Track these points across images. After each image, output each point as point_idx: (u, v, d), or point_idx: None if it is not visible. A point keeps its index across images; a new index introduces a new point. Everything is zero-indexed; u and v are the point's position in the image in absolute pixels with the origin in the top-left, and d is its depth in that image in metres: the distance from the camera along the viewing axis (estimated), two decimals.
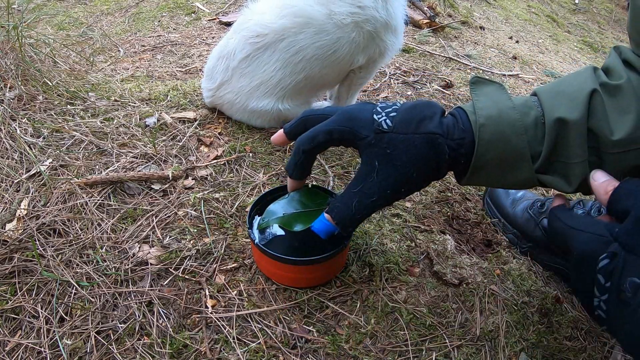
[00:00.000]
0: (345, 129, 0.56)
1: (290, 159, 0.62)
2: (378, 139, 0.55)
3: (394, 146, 0.55)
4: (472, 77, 0.59)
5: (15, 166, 0.87)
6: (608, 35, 3.60)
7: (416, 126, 0.55)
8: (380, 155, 0.55)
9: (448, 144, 0.54)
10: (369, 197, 0.56)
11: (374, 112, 0.57)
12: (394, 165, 0.55)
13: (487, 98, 0.56)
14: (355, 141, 0.57)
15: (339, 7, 0.94)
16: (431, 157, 0.54)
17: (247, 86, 1.03)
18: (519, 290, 0.81)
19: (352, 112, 0.58)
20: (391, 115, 0.56)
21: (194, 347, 0.63)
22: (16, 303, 0.66)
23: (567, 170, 0.53)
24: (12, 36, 1.09)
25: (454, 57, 1.78)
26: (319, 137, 0.57)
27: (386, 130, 0.55)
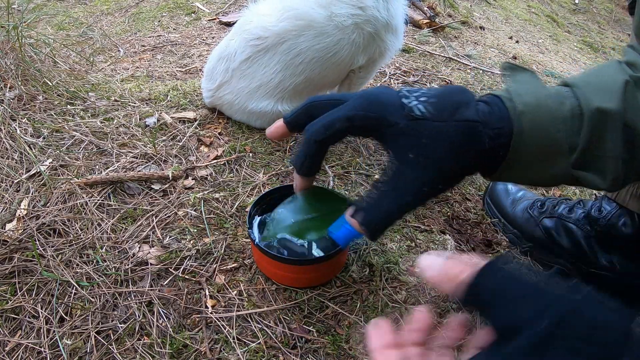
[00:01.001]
0: (370, 114, 0.48)
1: (298, 152, 0.52)
2: (411, 127, 0.47)
3: (430, 135, 0.47)
4: (504, 63, 0.54)
5: (15, 166, 0.87)
6: (608, 35, 3.60)
7: (452, 113, 0.48)
8: (415, 146, 0.47)
9: (487, 133, 0.48)
10: (403, 196, 0.48)
11: (402, 95, 0.49)
12: (431, 158, 0.47)
13: (522, 85, 0.50)
14: (381, 129, 0.48)
15: (340, 8, 0.94)
16: (470, 148, 0.47)
17: (247, 87, 1.03)
18: None
19: (375, 95, 0.49)
20: (422, 99, 0.48)
21: (194, 347, 0.63)
22: (16, 303, 0.66)
23: (603, 165, 0.49)
24: (12, 36, 1.09)
25: (454, 57, 1.79)
26: (336, 125, 0.48)
27: (419, 116, 0.47)
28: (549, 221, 0.86)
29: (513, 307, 0.30)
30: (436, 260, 0.37)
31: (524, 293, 0.30)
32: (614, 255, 0.78)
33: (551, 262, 0.87)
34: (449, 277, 0.35)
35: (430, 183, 0.48)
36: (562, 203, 0.87)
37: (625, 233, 0.76)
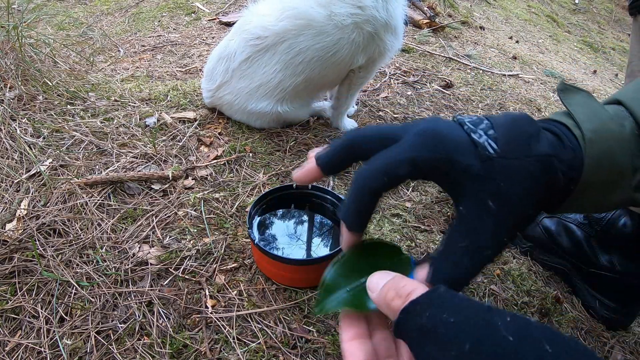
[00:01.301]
0: (438, 156, 0.40)
1: (347, 204, 0.43)
2: (488, 169, 0.40)
3: (508, 177, 0.41)
4: (559, 83, 0.49)
5: (15, 166, 0.87)
6: (608, 35, 3.60)
7: (527, 147, 0.42)
8: (494, 191, 0.41)
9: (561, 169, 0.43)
10: (484, 250, 0.41)
11: (468, 129, 0.42)
12: (510, 203, 0.41)
13: (582, 108, 0.46)
14: (451, 173, 0.41)
15: (340, 8, 0.94)
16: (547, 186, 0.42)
17: (247, 87, 1.03)
18: (519, 290, 0.81)
19: (439, 131, 0.41)
20: (490, 133, 0.42)
21: (194, 347, 0.63)
22: (16, 303, 0.66)
23: None
24: (12, 36, 1.09)
25: (454, 57, 1.78)
26: (398, 170, 0.40)
27: (493, 155, 0.41)
28: (549, 221, 0.86)
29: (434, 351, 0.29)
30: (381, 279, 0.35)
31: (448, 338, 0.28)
32: (614, 255, 0.78)
33: (551, 262, 0.87)
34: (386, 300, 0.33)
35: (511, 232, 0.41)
36: None
37: (625, 233, 0.76)
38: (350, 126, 1.18)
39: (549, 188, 0.42)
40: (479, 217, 0.41)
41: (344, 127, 1.17)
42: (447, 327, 0.28)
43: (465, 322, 0.28)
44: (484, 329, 0.28)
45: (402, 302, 0.32)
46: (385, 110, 1.31)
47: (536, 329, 0.27)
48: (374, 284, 0.35)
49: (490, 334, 0.27)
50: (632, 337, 0.80)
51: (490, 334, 0.27)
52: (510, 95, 1.60)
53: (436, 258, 0.42)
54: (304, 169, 0.46)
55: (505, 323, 0.28)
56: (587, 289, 0.82)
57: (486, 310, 0.29)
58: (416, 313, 0.30)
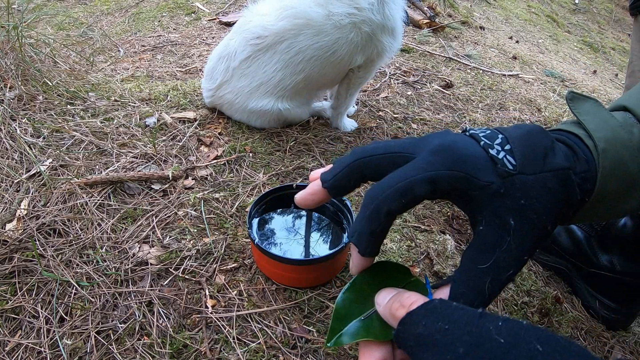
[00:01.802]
0: (457, 174, 0.38)
1: (359, 226, 0.40)
2: (507, 186, 0.39)
3: (527, 193, 0.39)
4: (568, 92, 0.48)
5: (15, 166, 0.87)
6: (608, 35, 3.60)
7: (543, 162, 0.41)
8: (514, 209, 0.39)
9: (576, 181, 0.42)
10: (505, 271, 0.39)
11: (485, 145, 0.40)
12: (530, 220, 0.39)
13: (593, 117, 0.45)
14: (470, 191, 0.39)
15: (337, 7, 0.95)
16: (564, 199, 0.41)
17: (247, 86, 1.03)
18: (519, 290, 0.81)
19: (456, 149, 0.39)
20: (507, 148, 0.40)
21: (194, 347, 0.63)
22: (16, 303, 0.66)
23: None
24: (12, 36, 1.09)
25: (454, 57, 1.79)
26: (416, 190, 0.38)
27: (513, 171, 0.39)
28: None
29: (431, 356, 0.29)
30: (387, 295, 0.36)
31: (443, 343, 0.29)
32: (614, 255, 0.78)
33: (551, 262, 0.87)
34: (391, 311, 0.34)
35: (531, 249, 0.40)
36: None
37: (625, 233, 0.76)
38: (350, 126, 1.18)
39: (566, 201, 0.41)
40: (500, 236, 0.39)
41: (344, 127, 1.17)
42: (442, 334, 0.29)
43: (458, 328, 0.29)
44: (477, 333, 0.28)
45: (406, 311, 0.32)
46: (385, 110, 1.31)
47: (528, 330, 0.28)
48: (381, 299, 0.36)
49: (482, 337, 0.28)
50: (632, 337, 0.80)
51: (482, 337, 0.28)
52: (510, 95, 1.61)
53: (456, 282, 0.40)
54: (308, 191, 0.43)
55: (497, 327, 0.28)
56: (587, 289, 0.82)
57: (478, 316, 0.29)
58: (413, 323, 0.31)
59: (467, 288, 0.40)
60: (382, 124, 1.24)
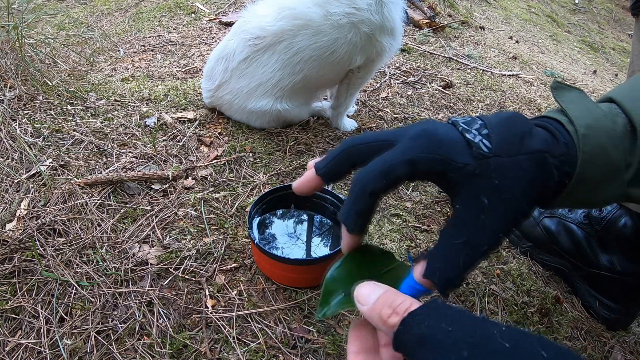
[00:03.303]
0: (435, 156, 0.42)
1: (347, 207, 0.44)
2: (482, 167, 0.42)
3: (502, 174, 0.42)
4: (553, 82, 0.50)
5: (15, 166, 0.87)
6: (608, 35, 3.60)
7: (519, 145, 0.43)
8: (488, 189, 0.42)
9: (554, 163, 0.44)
10: (479, 247, 0.42)
11: (463, 130, 0.44)
12: (505, 200, 0.42)
13: (577, 105, 0.47)
14: (448, 173, 0.42)
15: (336, 8, 0.95)
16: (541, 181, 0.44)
17: (246, 87, 1.03)
18: (519, 290, 0.81)
19: (435, 133, 0.43)
20: (484, 132, 0.44)
21: (194, 347, 0.63)
22: (16, 303, 0.66)
23: None
24: (12, 36, 1.09)
25: (454, 57, 1.79)
26: (396, 172, 0.41)
27: (487, 153, 0.42)
28: (549, 221, 0.86)
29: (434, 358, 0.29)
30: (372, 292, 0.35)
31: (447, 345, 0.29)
32: (614, 255, 0.78)
33: (551, 262, 0.87)
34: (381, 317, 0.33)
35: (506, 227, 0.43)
36: None
37: (625, 233, 0.76)
38: (350, 126, 1.18)
39: (543, 183, 0.43)
40: (475, 213, 0.42)
41: (344, 127, 1.17)
42: (446, 335, 0.29)
43: (462, 331, 0.29)
44: (481, 337, 0.28)
45: (400, 318, 0.32)
46: (385, 110, 1.31)
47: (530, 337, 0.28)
48: (363, 297, 0.35)
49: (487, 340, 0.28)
50: (632, 337, 0.80)
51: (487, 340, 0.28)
52: (510, 95, 1.61)
53: (432, 254, 0.43)
54: (303, 179, 0.47)
55: (500, 332, 0.28)
56: (587, 289, 0.82)
57: (482, 320, 0.29)
58: (415, 323, 0.31)
59: (443, 262, 0.43)
60: (382, 124, 1.24)
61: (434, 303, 0.32)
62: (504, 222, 0.42)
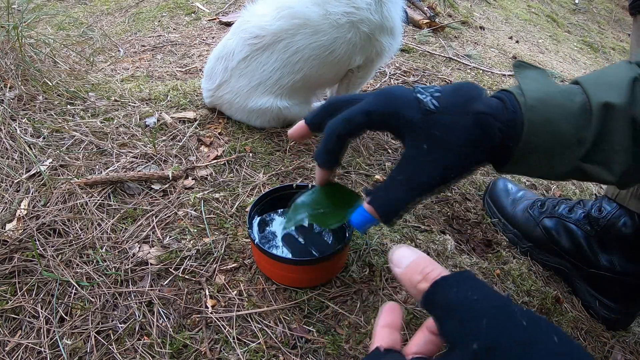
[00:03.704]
0: (387, 109, 0.51)
1: (319, 147, 0.55)
2: (425, 120, 0.50)
3: (444, 128, 0.50)
4: (515, 61, 0.56)
5: (15, 166, 0.87)
6: (608, 35, 3.60)
7: (464, 106, 0.51)
8: (429, 138, 0.50)
9: (497, 126, 0.50)
10: (416, 185, 0.51)
11: (416, 91, 0.52)
12: (443, 149, 0.50)
13: (532, 81, 0.53)
14: (398, 123, 0.51)
15: (335, 7, 0.95)
16: (481, 139, 0.50)
17: (246, 86, 1.03)
18: (519, 290, 0.81)
19: (392, 92, 0.52)
20: (436, 95, 0.52)
21: (194, 347, 0.63)
22: (16, 303, 0.66)
23: (611, 158, 0.51)
24: (12, 36, 1.09)
25: (454, 57, 1.79)
26: (356, 119, 0.51)
27: (433, 110, 0.50)
28: (549, 221, 0.86)
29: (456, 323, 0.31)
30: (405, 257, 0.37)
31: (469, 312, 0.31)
32: (614, 255, 0.78)
33: (551, 262, 0.87)
34: (412, 281, 0.35)
35: (442, 172, 0.50)
36: (562, 203, 0.87)
37: (625, 233, 0.76)
38: None
39: (485, 142, 0.50)
40: (415, 157, 0.51)
41: None
42: (471, 304, 0.31)
43: (486, 302, 0.31)
44: (502, 310, 0.30)
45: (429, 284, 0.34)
46: None
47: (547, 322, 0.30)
48: (397, 259, 0.38)
49: (506, 315, 0.30)
50: (632, 337, 0.80)
51: (506, 315, 0.30)
52: None
53: (378, 187, 0.53)
54: (295, 127, 0.57)
55: (521, 312, 0.30)
56: (587, 289, 0.82)
57: (506, 297, 0.32)
58: (445, 287, 0.33)
59: (384, 192, 0.52)
60: None
61: (465, 273, 0.34)
62: (440, 166, 0.50)
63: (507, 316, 0.30)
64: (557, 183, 1.14)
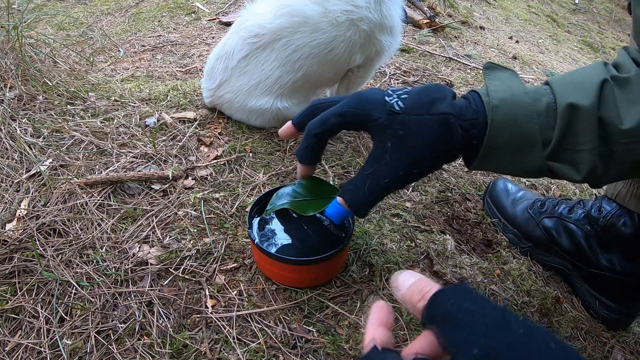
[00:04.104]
0: (358, 111, 0.56)
1: (300, 144, 0.61)
2: (390, 121, 0.55)
3: (407, 127, 0.54)
4: (486, 62, 0.59)
5: (15, 166, 0.87)
6: (608, 35, 3.60)
7: (428, 107, 0.54)
8: (393, 136, 0.55)
9: (460, 124, 0.53)
10: (382, 179, 0.56)
11: (386, 94, 0.57)
12: (406, 147, 0.54)
13: (500, 82, 0.55)
14: (367, 123, 0.56)
15: (334, 5, 0.95)
16: (444, 137, 0.54)
17: (246, 85, 1.03)
18: (519, 290, 0.81)
19: (363, 95, 0.57)
20: (402, 97, 0.56)
21: (194, 347, 0.63)
22: (16, 303, 0.66)
23: (577, 158, 0.53)
24: (12, 36, 1.09)
25: (454, 57, 1.78)
26: (330, 120, 0.57)
27: (398, 111, 0.55)
28: (549, 221, 0.86)
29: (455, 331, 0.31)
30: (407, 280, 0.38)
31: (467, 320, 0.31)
32: (614, 255, 0.78)
33: (551, 262, 0.87)
34: (412, 302, 0.36)
35: (405, 167, 0.55)
36: (562, 203, 0.87)
37: (625, 233, 0.76)
38: None
39: (447, 140, 0.54)
40: (380, 154, 0.55)
41: None
42: (467, 313, 0.32)
43: (482, 312, 0.32)
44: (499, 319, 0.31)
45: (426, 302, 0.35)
46: None
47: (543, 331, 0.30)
48: (400, 283, 0.39)
49: (502, 324, 0.30)
50: (632, 337, 0.80)
51: (502, 324, 0.30)
52: None
53: (348, 181, 0.59)
54: (283, 127, 0.63)
55: (517, 321, 0.31)
56: (587, 289, 0.82)
57: (502, 308, 0.32)
58: (443, 300, 0.34)
59: (353, 186, 0.58)
60: None
61: (461, 285, 0.35)
62: (403, 162, 0.55)
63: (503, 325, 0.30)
64: (557, 183, 1.14)
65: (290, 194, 0.67)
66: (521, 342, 0.29)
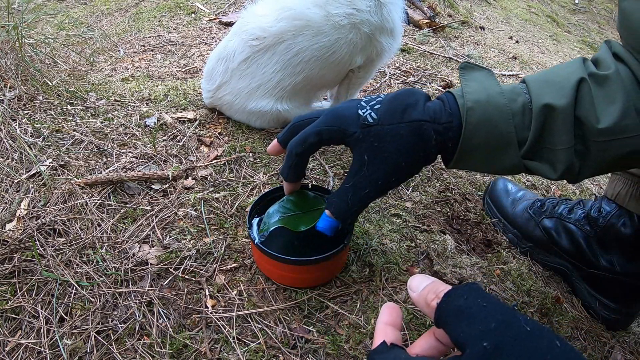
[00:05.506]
0: (333, 128, 0.57)
1: (283, 163, 0.63)
2: (365, 134, 0.56)
3: (381, 138, 0.55)
4: (462, 62, 0.59)
5: (15, 166, 0.87)
6: (608, 35, 3.59)
7: (401, 115, 0.55)
8: (369, 149, 0.56)
9: (435, 129, 0.54)
10: (362, 190, 0.57)
11: (359, 107, 0.58)
12: (382, 157, 0.56)
13: (475, 83, 0.56)
14: (345, 139, 0.58)
15: (336, 8, 0.95)
16: (418, 144, 0.55)
17: (247, 87, 1.03)
18: (519, 290, 0.81)
19: (338, 111, 0.59)
20: (375, 107, 0.57)
21: (194, 347, 0.63)
22: (16, 303, 0.66)
23: (553, 157, 0.53)
24: (12, 36, 1.09)
25: (454, 57, 1.78)
26: (309, 139, 0.59)
27: (372, 123, 0.56)
28: (549, 221, 0.86)
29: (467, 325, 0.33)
30: (422, 282, 0.40)
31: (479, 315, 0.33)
32: (614, 255, 0.78)
33: (551, 262, 0.87)
34: (426, 301, 0.38)
35: (383, 178, 0.57)
36: (562, 203, 0.87)
37: (625, 233, 0.76)
38: None
39: (421, 146, 0.55)
40: (359, 166, 0.57)
41: None
42: (480, 309, 0.33)
43: (494, 309, 0.33)
44: (509, 316, 0.32)
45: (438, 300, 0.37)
46: None
47: (550, 332, 0.32)
48: (415, 285, 0.40)
49: (512, 321, 0.32)
50: (632, 337, 0.80)
51: (512, 321, 0.32)
52: None
53: (332, 195, 0.61)
54: (271, 145, 0.65)
55: (525, 319, 0.32)
56: (587, 289, 0.82)
57: (512, 307, 0.34)
58: (456, 296, 0.35)
59: (337, 198, 0.60)
60: None
61: (473, 285, 0.36)
62: (381, 173, 0.56)
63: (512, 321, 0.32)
64: (557, 183, 1.14)
65: (281, 211, 0.69)
66: (529, 339, 0.30)
